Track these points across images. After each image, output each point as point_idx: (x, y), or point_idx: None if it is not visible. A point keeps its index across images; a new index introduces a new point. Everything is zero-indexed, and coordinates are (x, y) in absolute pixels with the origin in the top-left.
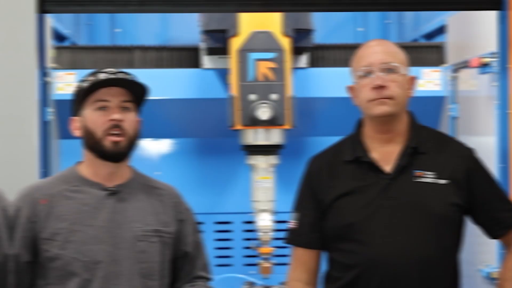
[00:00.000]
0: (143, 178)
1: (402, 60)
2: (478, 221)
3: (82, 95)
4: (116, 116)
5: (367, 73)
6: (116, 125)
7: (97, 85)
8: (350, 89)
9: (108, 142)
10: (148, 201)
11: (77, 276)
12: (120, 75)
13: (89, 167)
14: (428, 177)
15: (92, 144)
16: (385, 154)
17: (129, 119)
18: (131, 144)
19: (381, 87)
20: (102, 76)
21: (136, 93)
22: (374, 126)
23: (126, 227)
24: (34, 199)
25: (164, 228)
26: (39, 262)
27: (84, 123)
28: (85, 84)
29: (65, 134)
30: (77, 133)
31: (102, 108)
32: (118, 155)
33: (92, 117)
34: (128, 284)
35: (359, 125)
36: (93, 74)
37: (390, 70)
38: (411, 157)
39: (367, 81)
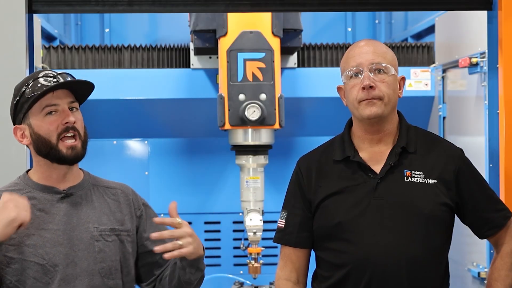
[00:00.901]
0: (95, 179)
1: (392, 60)
2: (467, 221)
3: (28, 104)
4: (71, 118)
5: (356, 74)
6: (70, 127)
7: (46, 92)
8: (339, 89)
9: (64, 147)
10: (102, 201)
11: (35, 280)
12: (64, 77)
13: (41, 172)
14: (417, 177)
15: (46, 150)
16: (374, 154)
17: (79, 119)
18: (85, 145)
19: (370, 88)
20: (43, 81)
21: (77, 93)
22: (363, 126)
23: (82, 228)
24: None
25: (120, 226)
26: None
27: (34, 130)
28: (28, 92)
29: None
30: (25, 141)
31: (51, 113)
32: (76, 158)
33: (43, 124)
34: (88, 285)
35: (349, 125)
36: (31, 82)
37: (379, 70)
38: (400, 157)
39: (356, 82)
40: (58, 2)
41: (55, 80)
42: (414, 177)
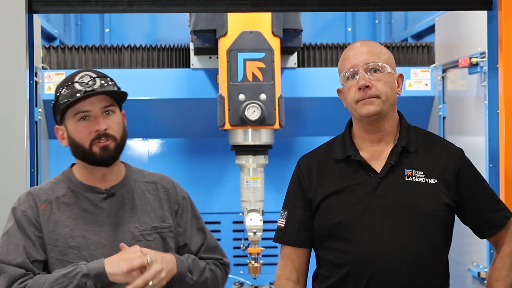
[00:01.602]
0: (136, 173)
1: (387, 59)
2: (467, 221)
3: (63, 108)
4: (100, 126)
5: (352, 75)
6: (102, 134)
7: (76, 102)
8: (339, 92)
9: (96, 148)
10: (143, 199)
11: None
12: (97, 85)
13: (83, 171)
14: (418, 176)
15: (81, 154)
16: (375, 153)
17: (114, 122)
18: (120, 145)
19: (366, 87)
20: (78, 86)
21: (115, 94)
22: (362, 126)
23: (124, 229)
24: (35, 204)
25: (162, 223)
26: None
27: (69, 134)
28: (62, 98)
29: (54, 134)
30: (64, 143)
31: (84, 118)
32: (109, 159)
33: (76, 129)
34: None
35: (349, 125)
36: (67, 84)
37: (374, 69)
38: (401, 156)
39: (353, 83)
40: (58, 2)
41: (89, 85)
42: (415, 176)
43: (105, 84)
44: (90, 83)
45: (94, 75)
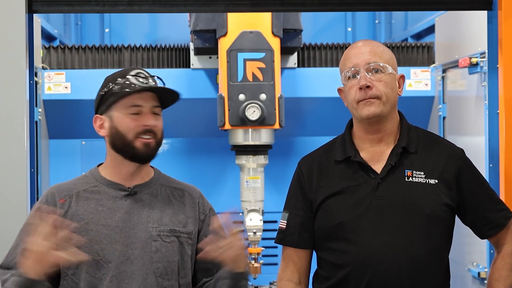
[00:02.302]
0: (165, 179)
1: (389, 59)
2: (467, 221)
3: (114, 99)
4: (151, 122)
5: (354, 74)
6: (149, 130)
7: (133, 93)
8: (340, 91)
9: (139, 143)
10: (166, 202)
11: (88, 274)
12: (153, 82)
13: (111, 167)
14: (418, 177)
15: (122, 145)
16: (375, 154)
17: (159, 124)
18: (158, 146)
19: (367, 87)
20: (133, 79)
21: (163, 97)
22: (363, 126)
23: (141, 228)
24: (54, 198)
25: (182, 228)
26: None
27: (113, 124)
28: (117, 88)
29: (54, 133)
30: (102, 132)
31: (134, 113)
32: (148, 156)
33: (124, 121)
34: (142, 284)
35: (349, 125)
36: (122, 75)
37: (375, 70)
38: (401, 157)
39: (354, 82)
40: (58, 2)
41: (145, 81)
42: (415, 177)
43: (159, 84)
44: (146, 80)
45: (148, 74)
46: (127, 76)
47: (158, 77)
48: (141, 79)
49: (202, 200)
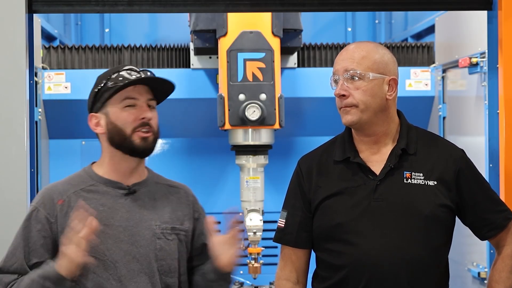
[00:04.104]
0: (158, 177)
1: (372, 64)
2: (467, 222)
3: (109, 94)
4: (148, 114)
5: (335, 81)
6: (146, 123)
7: (129, 84)
8: None
9: (137, 137)
10: (164, 199)
11: (95, 275)
12: (149, 74)
13: (108, 165)
14: (417, 179)
15: (120, 140)
16: (374, 155)
17: (155, 117)
18: (156, 140)
19: (342, 96)
20: (126, 74)
21: (157, 91)
22: (354, 130)
23: (144, 226)
24: (51, 200)
25: (180, 226)
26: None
27: (110, 120)
28: (111, 84)
29: (54, 133)
30: (98, 129)
31: (130, 106)
32: (146, 150)
33: (120, 115)
34: (149, 282)
35: None
36: (114, 72)
37: (353, 77)
38: (400, 159)
39: (336, 89)
40: (58, 2)
41: (138, 75)
42: (414, 178)
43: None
44: (139, 74)
45: (139, 69)
46: (120, 72)
47: (150, 72)
48: (134, 73)
49: (194, 198)
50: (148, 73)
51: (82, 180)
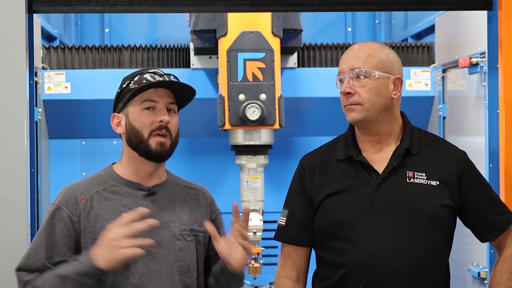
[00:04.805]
0: (178, 179)
1: (377, 63)
2: (468, 223)
3: (130, 95)
4: (165, 117)
5: (341, 79)
6: (163, 127)
7: (149, 86)
8: None
9: (154, 142)
10: (183, 201)
11: (115, 273)
12: (171, 78)
13: (129, 166)
14: (420, 178)
15: (137, 142)
16: (377, 154)
17: (174, 121)
18: (174, 146)
19: (348, 94)
20: (149, 76)
21: (179, 96)
22: (357, 128)
23: (164, 227)
24: (74, 199)
25: (198, 227)
26: None
27: (129, 121)
28: (133, 85)
29: (54, 133)
30: (119, 130)
31: (149, 108)
32: (162, 155)
33: (139, 117)
34: (168, 282)
35: (352, 125)
36: (138, 74)
37: (358, 76)
38: (403, 158)
39: (341, 88)
40: (58, 2)
41: (161, 78)
42: (416, 178)
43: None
44: (162, 78)
45: (163, 73)
46: (144, 75)
47: (174, 76)
48: (157, 77)
49: (212, 200)
50: (171, 77)
51: (104, 180)
